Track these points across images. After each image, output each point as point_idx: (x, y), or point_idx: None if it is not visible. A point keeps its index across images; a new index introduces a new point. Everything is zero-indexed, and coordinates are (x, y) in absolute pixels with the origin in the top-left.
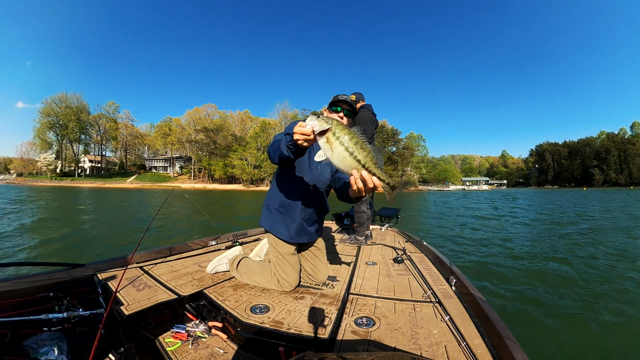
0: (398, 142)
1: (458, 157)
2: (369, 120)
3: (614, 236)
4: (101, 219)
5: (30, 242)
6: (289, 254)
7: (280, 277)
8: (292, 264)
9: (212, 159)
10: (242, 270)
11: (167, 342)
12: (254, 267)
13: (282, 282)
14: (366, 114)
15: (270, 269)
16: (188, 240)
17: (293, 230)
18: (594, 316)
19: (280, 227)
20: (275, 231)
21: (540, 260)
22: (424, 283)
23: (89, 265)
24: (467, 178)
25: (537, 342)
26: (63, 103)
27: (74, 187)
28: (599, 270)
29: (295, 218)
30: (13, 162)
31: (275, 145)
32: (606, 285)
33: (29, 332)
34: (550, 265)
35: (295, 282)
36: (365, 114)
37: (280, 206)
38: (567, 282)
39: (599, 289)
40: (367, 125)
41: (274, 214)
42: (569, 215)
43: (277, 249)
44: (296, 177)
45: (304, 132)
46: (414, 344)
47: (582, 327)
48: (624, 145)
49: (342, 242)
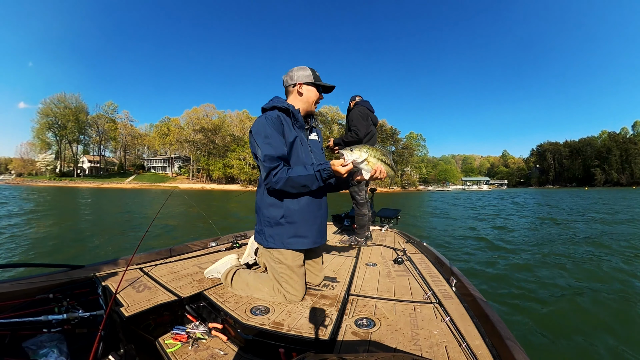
0: (397, 142)
1: (459, 157)
2: (359, 116)
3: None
4: (100, 220)
5: (30, 243)
6: (299, 265)
7: (287, 292)
8: (300, 275)
9: (210, 159)
10: (239, 287)
11: (167, 343)
12: (252, 283)
13: (291, 297)
14: (357, 109)
15: (272, 285)
16: (188, 241)
17: (314, 233)
18: (594, 316)
19: (297, 238)
20: (292, 245)
21: (540, 259)
22: (424, 284)
23: (89, 267)
24: (468, 178)
25: (538, 342)
26: (62, 103)
27: (72, 187)
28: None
29: (314, 219)
30: (13, 162)
31: (300, 183)
32: (608, 285)
33: (29, 333)
34: (551, 265)
35: (303, 293)
36: (357, 109)
37: (288, 215)
38: (568, 282)
39: (601, 289)
40: (359, 122)
41: (285, 227)
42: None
43: (286, 263)
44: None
45: (348, 169)
46: (414, 344)
47: (583, 327)
48: (625, 144)
49: (342, 243)
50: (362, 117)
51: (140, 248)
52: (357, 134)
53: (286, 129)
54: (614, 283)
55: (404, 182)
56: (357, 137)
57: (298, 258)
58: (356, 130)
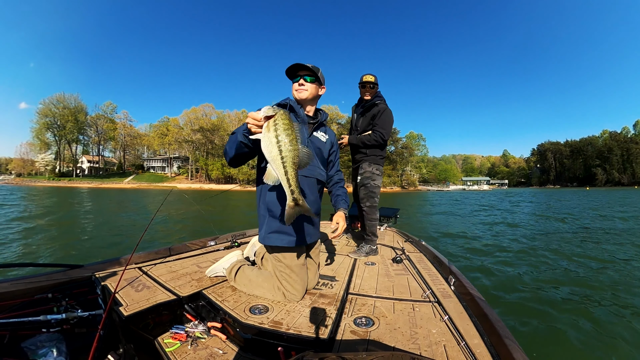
0: (397, 142)
1: (459, 156)
2: (390, 120)
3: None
4: (99, 220)
5: (28, 243)
6: (299, 265)
7: (286, 290)
8: (302, 275)
9: (209, 159)
10: (241, 282)
11: (166, 342)
12: (255, 279)
13: (290, 296)
14: (389, 110)
15: (273, 283)
16: (187, 240)
17: (297, 231)
18: (595, 316)
19: (277, 234)
20: (271, 241)
21: (540, 259)
22: (422, 283)
23: (88, 266)
24: (468, 178)
25: (536, 341)
26: (60, 104)
27: (71, 187)
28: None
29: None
30: (13, 163)
31: (232, 139)
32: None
33: (28, 333)
34: (551, 264)
35: (303, 293)
36: (388, 110)
37: (271, 210)
38: (568, 282)
39: (602, 289)
40: (388, 126)
41: (268, 221)
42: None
43: (284, 262)
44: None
45: (254, 117)
46: (413, 343)
47: (583, 327)
48: (627, 144)
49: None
50: (392, 120)
51: (139, 247)
52: (382, 139)
53: None
54: (616, 283)
55: (403, 182)
56: (382, 142)
57: (297, 257)
58: (383, 134)
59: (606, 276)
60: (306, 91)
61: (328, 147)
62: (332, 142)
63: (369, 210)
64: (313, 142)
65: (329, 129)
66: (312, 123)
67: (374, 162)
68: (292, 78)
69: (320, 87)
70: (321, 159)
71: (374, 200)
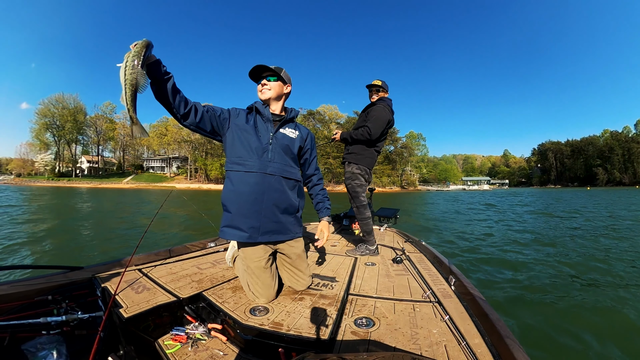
0: (396, 141)
1: (460, 156)
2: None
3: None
4: (98, 221)
5: (28, 244)
6: (260, 267)
7: (253, 291)
8: (263, 280)
9: (208, 159)
10: (238, 272)
11: (166, 344)
12: (241, 274)
13: (252, 297)
14: (382, 107)
15: (245, 280)
16: (187, 242)
17: (251, 226)
18: (595, 316)
19: (230, 229)
20: (224, 234)
21: (540, 259)
22: (423, 283)
23: (88, 268)
24: (468, 178)
25: (537, 340)
26: (60, 104)
27: (70, 187)
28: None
29: (250, 209)
30: (12, 163)
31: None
32: (611, 285)
33: (28, 335)
34: (552, 263)
35: (270, 297)
36: (382, 107)
37: (224, 204)
38: (568, 281)
39: (603, 289)
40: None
41: (225, 215)
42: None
43: (247, 263)
44: (241, 166)
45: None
46: (413, 343)
47: (583, 326)
48: (628, 143)
49: (351, 254)
50: (384, 119)
51: (139, 249)
52: (368, 134)
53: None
54: (617, 283)
55: (403, 182)
56: (368, 137)
57: (257, 257)
58: (370, 129)
59: (611, 277)
60: (269, 90)
61: (298, 143)
62: (303, 138)
63: (357, 210)
64: (279, 139)
65: (302, 126)
66: (278, 120)
67: (354, 162)
68: (256, 80)
69: (285, 85)
70: (291, 156)
71: (360, 200)
